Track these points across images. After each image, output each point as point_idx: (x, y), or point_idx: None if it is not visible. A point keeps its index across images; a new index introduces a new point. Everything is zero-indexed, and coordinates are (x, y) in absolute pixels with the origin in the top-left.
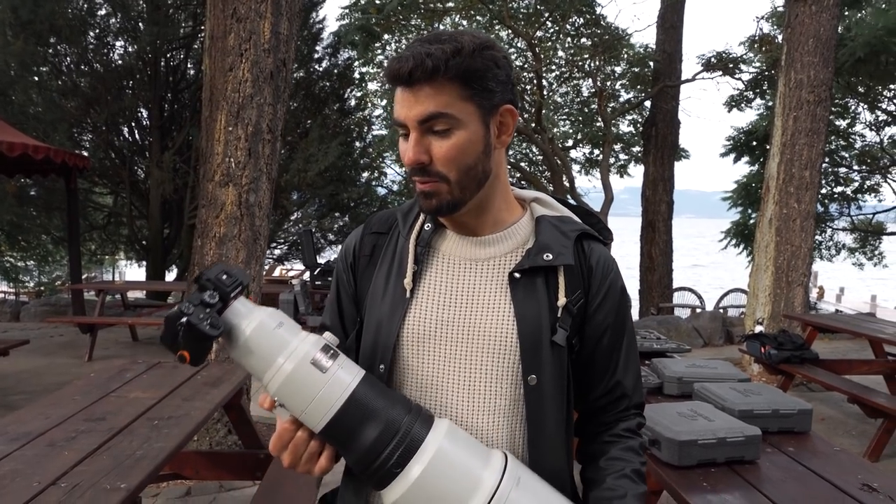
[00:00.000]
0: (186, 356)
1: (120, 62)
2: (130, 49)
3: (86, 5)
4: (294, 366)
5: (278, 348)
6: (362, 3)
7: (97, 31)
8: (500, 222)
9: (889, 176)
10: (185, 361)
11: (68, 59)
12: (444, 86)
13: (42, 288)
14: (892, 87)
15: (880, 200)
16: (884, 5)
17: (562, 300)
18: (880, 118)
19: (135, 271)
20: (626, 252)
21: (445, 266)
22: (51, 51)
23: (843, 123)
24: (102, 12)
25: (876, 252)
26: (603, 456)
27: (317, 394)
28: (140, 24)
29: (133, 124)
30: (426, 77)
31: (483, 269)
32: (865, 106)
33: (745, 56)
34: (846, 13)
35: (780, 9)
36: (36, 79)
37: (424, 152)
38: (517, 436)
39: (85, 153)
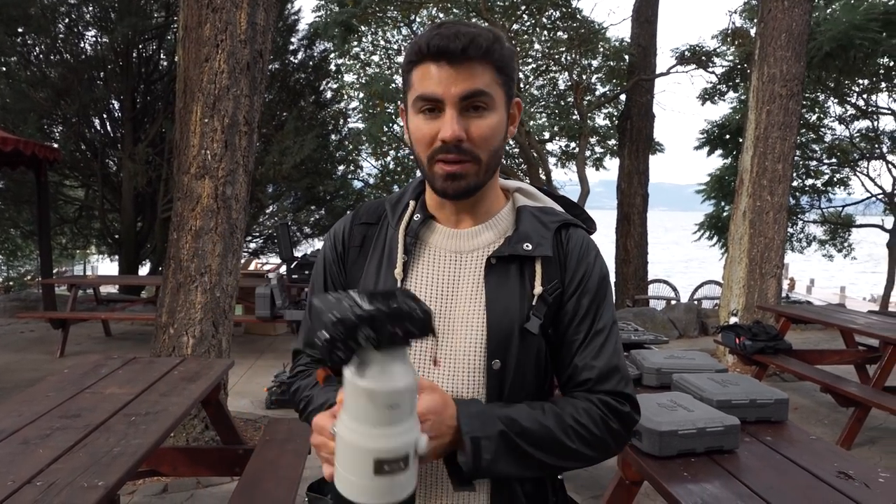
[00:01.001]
0: (320, 375)
1: (91, 52)
2: (102, 39)
3: None
4: (359, 447)
5: (365, 420)
6: None
7: (67, 20)
8: (488, 212)
9: (858, 169)
10: (319, 380)
11: (37, 48)
12: (485, 67)
13: (11, 283)
14: (860, 81)
15: (850, 193)
16: (853, 1)
17: (538, 289)
18: (849, 112)
19: (107, 265)
20: (601, 245)
21: (432, 258)
22: (19, 40)
23: (813, 117)
24: (73, 1)
25: (845, 244)
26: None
27: (354, 480)
28: (112, 13)
29: (105, 116)
30: (477, 55)
31: (466, 260)
32: (835, 100)
33: (718, 49)
34: (818, 2)
35: (754, 2)
36: (4, 69)
37: (463, 129)
38: None
39: (55, 145)
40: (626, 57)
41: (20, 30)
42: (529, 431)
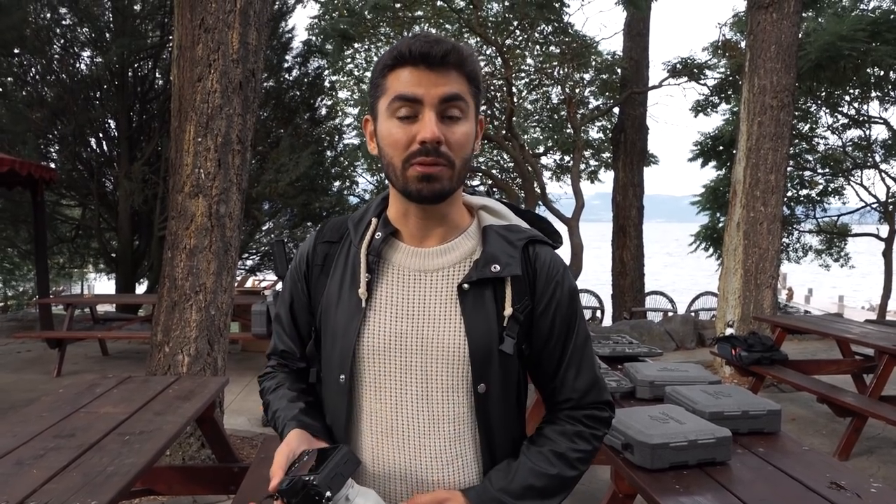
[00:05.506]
0: None
1: (87, 73)
2: (97, 60)
3: (49, 14)
4: None
5: None
6: (333, 6)
7: (63, 41)
8: (454, 228)
9: (852, 178)
10: None
11: (33, 69)
12: (461, 76)
13: (9, 303)
14: (851, 90)
15: (844, 203)
16: (840, 10)
17: (508, 310)
18: (841, 121)
19: (104, 284)
20: (599, 257)
21: (396, 277)
22: (15, 61)
23: (805, 127)
24: (67, 22)
25: (842, 253)
26: (536, 432)
27: None
28: (106, 34)
29: (101, 135)
30: (456, 63)
31: (432, 280)
32: (827, 110)
33: (709, 62)
34: (808, 14)
35: (742, 13)
36: (0, 90)
37: (441, 133)
38: (479, 442)
39: (52, 165)
40: (619, 70)
41: (16, 51)
42: (545, 489)
